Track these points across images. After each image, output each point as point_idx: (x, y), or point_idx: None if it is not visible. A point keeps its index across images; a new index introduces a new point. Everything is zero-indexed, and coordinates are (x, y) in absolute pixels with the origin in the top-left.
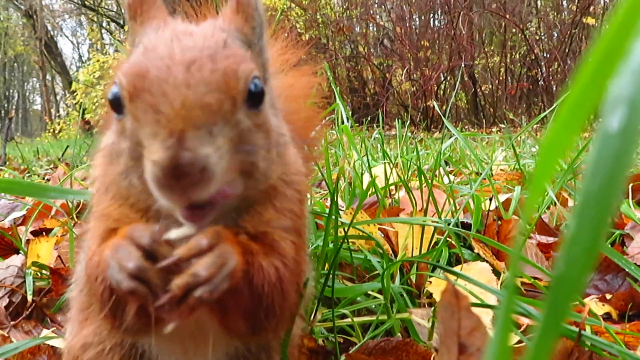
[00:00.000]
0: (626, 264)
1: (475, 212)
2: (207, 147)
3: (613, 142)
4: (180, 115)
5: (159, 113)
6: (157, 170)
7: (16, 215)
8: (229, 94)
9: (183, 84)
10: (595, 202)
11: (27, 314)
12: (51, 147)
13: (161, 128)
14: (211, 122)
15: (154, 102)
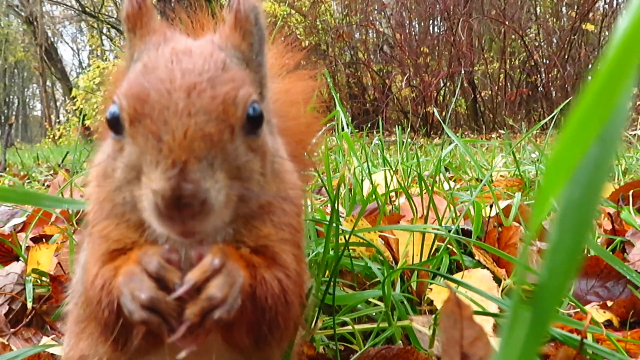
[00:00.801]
0: (627, 271)
1: (475, 219)
2: (208, 180)
3: (593, 150)
4: (183, 146)
5: (161, 142)
6: (158, 200)
7: (16, 221)
8: (228, 123)
9: (184, 112)
10: (576, 210)
11: (27, 322)
12: (51, 153)
13: (163, 157)
14: (212, 154)
15: (155, 129)
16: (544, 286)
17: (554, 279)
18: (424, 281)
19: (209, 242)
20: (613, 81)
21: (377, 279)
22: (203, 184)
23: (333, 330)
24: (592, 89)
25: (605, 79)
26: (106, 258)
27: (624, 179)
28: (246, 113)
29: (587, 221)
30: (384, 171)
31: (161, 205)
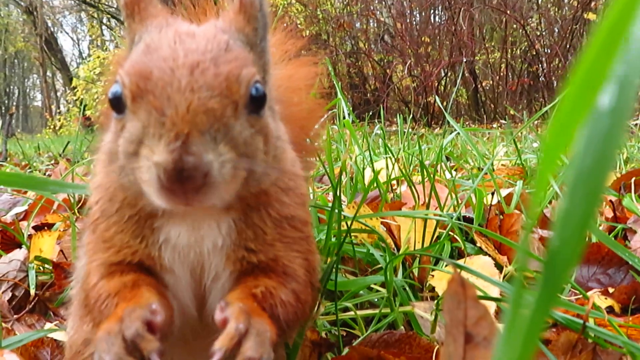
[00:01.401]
0: (629, 257)
1: (477, 206)
2: (211, 153)
3: (604, 121)
4: (186, 119)
5: (164, 115)
6: (160, 173)
7: (18, 210)
8: (231, 99)
9: (187, 88)
10: (586, 180)
11: (30, 308)
12: (52, 143)
13: (165, 131)
14: (215, 128)
15: (158, 104)
16: (555, 254)
17: (565, 246)
18: (426, 267)
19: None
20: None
21: (379, 266)
22: (205, 157)
23: (335, 315)
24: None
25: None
26: (105, 271)
27: (625, 167)
28: (249, 92)
29: (598, 190)
30: (386, 159)
31: (163, 178)
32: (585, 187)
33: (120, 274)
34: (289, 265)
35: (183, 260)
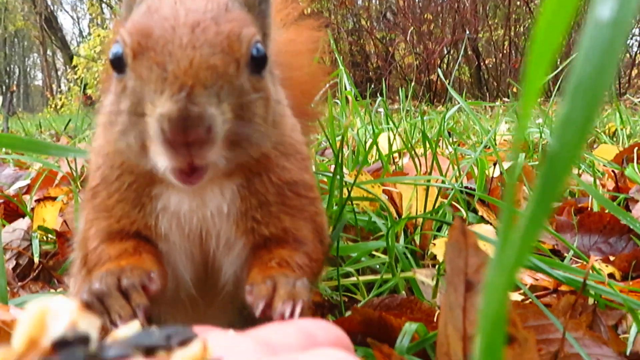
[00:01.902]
0: (631, 221)
1: (479, 177)
2: (214, 107)
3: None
4: (189, 73)
5: (166, 71)
6: (164, 124)
7: (20, 184)
8: (233, 57)
9: (189, 45)
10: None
11: (34, 276)
12: (53, 122)
13: (168, 84)
14: (218, 85)
15: (160, 60)
16: (554, 156)
17: (564, 149)
18: (427, 233)
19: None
20: None
21: (381, 233)
22: (209, 109)
23: (337, 281)
24: None
25: None
26: (105, 236)
27: (628, 142)
28: (250, 51)
29: (598, 97)
30: (388, 130)
31: (167, 129)
32: (585, 94)
33: (120, 240)
34: (299, 233)
35: (183, 227)
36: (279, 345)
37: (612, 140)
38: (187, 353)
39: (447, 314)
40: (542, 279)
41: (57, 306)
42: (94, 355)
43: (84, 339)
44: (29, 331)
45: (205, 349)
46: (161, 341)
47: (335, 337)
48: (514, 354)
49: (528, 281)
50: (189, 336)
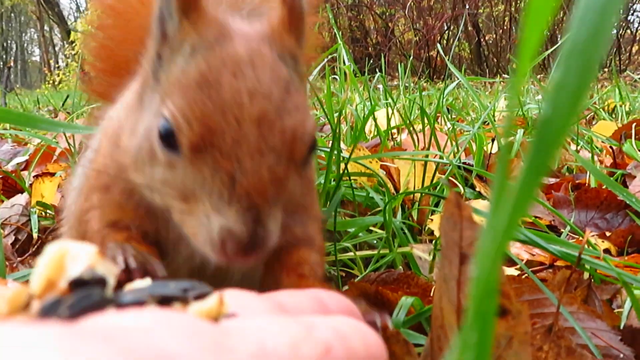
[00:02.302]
0: (627, 197)
1: (477, 153)
2: (273, 222)
3: None
4: (258, 189)
5: (234, 181)
6: (228, 239)
7: (19, 160)
8: (293, 161)
9: (257, 151)
10: (581, 52)
11: (33, 251)
12: (51, 98)
13: (236, 199)
14: (277, 194)
15: (228, 167)
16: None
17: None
18: (425, 208)
19: None
20: None
21: (378, 209)
22: (271, 228)
23: (335, 256)
24: None
25: None
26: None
27: (627, 119)
28: (310, 146)
29: (593, 61)
30: (386, 105)
31: (231, 245)
32: (579, 58)
33: (127, 230)
34: (308, 232)
35: None
36: (293, 308)
37: (611, 116)
38: (203, 306)
39: (442, 286)
40: (538, 254)
41: (76, 250)
42: (110, 299)
43: (101, 281)
44: (47, 272)
45: (222, 304)
46: (177, 292)
47: (346, 307)
48: (507, 326)
49: (524, 256)
50: (205, 291)
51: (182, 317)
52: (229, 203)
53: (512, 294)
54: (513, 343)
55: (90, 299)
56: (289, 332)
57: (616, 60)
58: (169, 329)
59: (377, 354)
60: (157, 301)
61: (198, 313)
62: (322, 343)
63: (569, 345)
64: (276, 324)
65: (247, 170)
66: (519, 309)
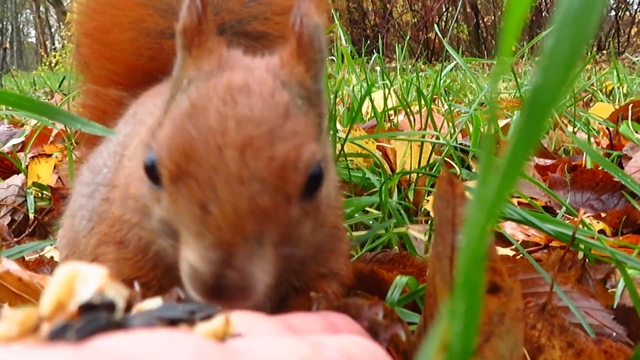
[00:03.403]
0: (622, 177)
1: (474, 133)
2: (254, 264)
3: None
4: (232, 223)
5: (207, 213)
6: (195, 280)
7: (15, 142)
8: (285, 192)
9: (236, 179)
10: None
11: (30, 232)
12: (48, 79)
13: (207, 232)
14: (262, 230)
15: (201, 197)
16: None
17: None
18: (421, 189)
19: None
20: None
21: (375, 189)
22: (249, 270)
23: None
24: None
25: None
26: None
27: (624, 101)
28: (307, 177)
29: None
30: (383, 85)
31: (198, 286)
32: (572, 27)
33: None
34: (334, 267)
35: None
36: (302, 329)
37: (609, 98)
38: (209, 327)
39: (435, 264)
40: (533, 235)
41: (87, 272)
42: (118, 323)
43: (110, 305)
44: (57, 294)
45: (228, 324)
46: (184, 315)
47: (357, 330)
48: (500, 303)
49: (520, 237)
50: (212, 312)
51: (189, 338)
52: (199, 237)
53: (504, 271)
54: (505, 320)
55: (97, 323)
56: (296, 353)
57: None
58: (177, 351)
59: None
60: (165, 324)
61: (205, 333)
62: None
63: (562, 323)
64: (283, 345)
65: (222, 199)
66: (511, 286)
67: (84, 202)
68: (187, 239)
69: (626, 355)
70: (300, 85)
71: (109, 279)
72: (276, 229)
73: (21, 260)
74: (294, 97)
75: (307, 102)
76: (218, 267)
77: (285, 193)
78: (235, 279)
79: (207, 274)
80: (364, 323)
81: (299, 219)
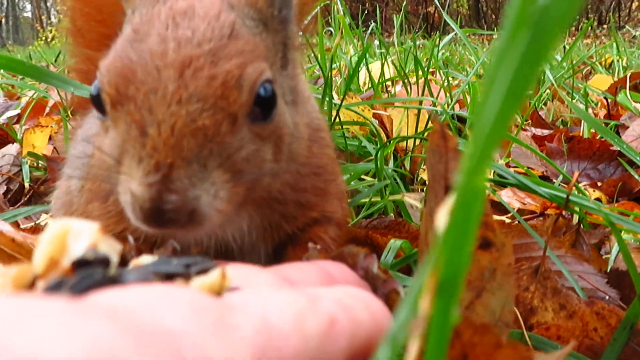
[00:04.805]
0: (618, 142)
1: (471, 102)
2: (198, 187)
3: None
4: (169, 143)
5: (145, 135)
6: (134, 207)
7: (10, 114)
8: (228, 111)
9: (174, 98)
10: None
11: (26, 201)
12: (44, 54)
13: (146, 155)
14: (205, 152)
15: (139, 118)
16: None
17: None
18: (417, 157)
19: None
20: None
21: (371, 158)
22: (191, 193)
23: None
24: None
25: None
26: None
27: (623, 73)
28: (254, 96)
29: None
30: (380, 55)
31: (139, 214)
32: None
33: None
34: (328, 210)
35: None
36: (298, 280)
37: (608, 71)
38: (205, 280)
39: (427, 220)
40: (529, 203)
41: (79, 227)
42: (113, 278)
43: (104, 260)
44: (49, 250)
45: (224, 278)
46: (180, 269)
47: (353, 279)
48: (491, 258)
49: (516, 205)
50: (208, 266)
51: (186, 293)
52: (139, 161)
53: (496, 226)
54: (496, 275)
55: (92, 279)
56: (292, 306)
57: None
58: (173, 306)
59: (383, 322)
60: (161, 279)
61: (201, 287)
62: (326, 315)
63: (555, 286)
64: (279, 298)
65: (159, 119)
66: (503, 241)
67: (77, 163)
68: (128, 165)
69: (618, 316)
70: (252, 7)
71: (101, 234)
72: (222, 151)
73: (16, 226)
74: (242, 18)
75: (261, 25)
76: (155, 190)
77: (228, 112)
78: (176, 202)
79: (144, 198)
80: (360, 272)
81: (250, 142)
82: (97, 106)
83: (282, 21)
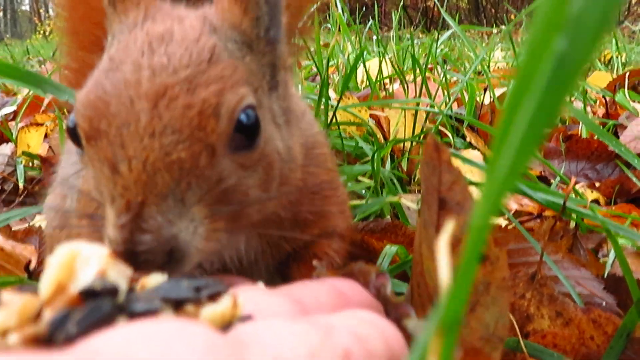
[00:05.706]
0: (616, 146)
1: (469, 102)
2: (175, 224)
3: None
4: (140, 181)
5: (116, 173)
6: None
7: (6, 111)
8: (206, 142)
9: (147, 131)
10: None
11: (20, 201)
12: (42, 48)
13: (117, 194)
14: (182, 186)
15: (110, 155)
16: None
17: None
18: (415, 158)
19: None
20: None
21: (368, 158)
22: (166, 231)
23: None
24: None
25: None
26: None
27: (622, 70)
28: (234, 124)
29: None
30: (379, 53)
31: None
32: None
33: None
34: (330, 224)
35: None
36: (311, 303)
37: (607, 67)
38: (217, 309)
39: (422, 232)
40: (527, 205)
41: (88, 252)
42: (122, 308)
43: (112, 290)
44: (57, 275)
45: (236, 305)
46: (190, 293)
47: (366, 298)
48: (486, 272)
49: (513, 207)
50: (219, 289)
51: (198, 332)
52: (112, 202)
53: (490, 240)
54: (491, 289)
55: (100, 312)
56: (306, 343)
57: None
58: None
59: (397, 350)
60: (171, 305)
61: (212, 316)
62: (341, 350)
63: (551, 292)
64: (293, 332)
65: (130, 154)
66: (497, 255)
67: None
68: (106, 207)
69: (615, 324)
70: (235, 29)
71: (111, 259)
72: (201, 185)
73: (9, 229)
74: (224, 41)
75: (245, 48)
76: (126, 232)
77: (206, 143)
78: (150, 242)
79: (117, 240)
80: (372, 291)
81: (233, 173)
82: (74, 140)
83: (269, 42)
